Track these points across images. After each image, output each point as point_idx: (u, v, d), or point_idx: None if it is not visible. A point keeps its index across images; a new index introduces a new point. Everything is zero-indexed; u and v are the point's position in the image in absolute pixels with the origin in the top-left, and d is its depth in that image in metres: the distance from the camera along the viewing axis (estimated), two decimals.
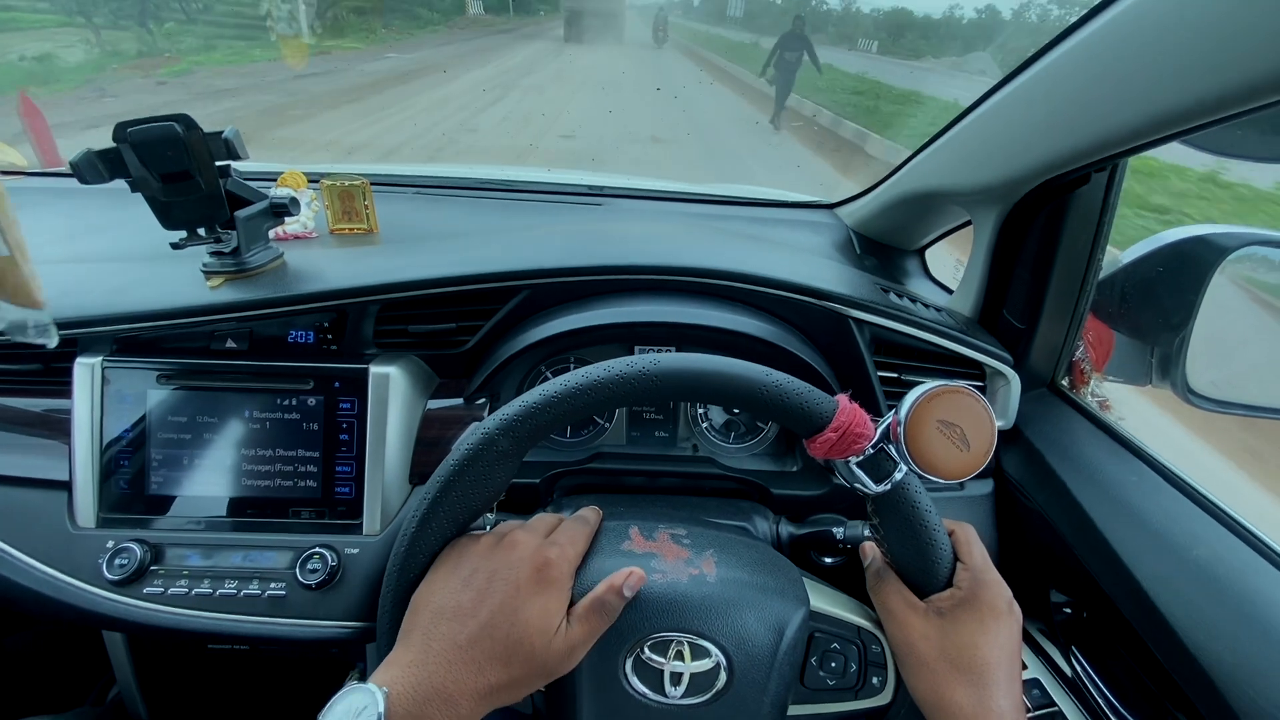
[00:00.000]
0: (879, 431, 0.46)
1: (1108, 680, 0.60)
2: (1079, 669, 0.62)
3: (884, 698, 0.52)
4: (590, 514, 0.56)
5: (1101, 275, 0.69)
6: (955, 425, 0.45)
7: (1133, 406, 0.81)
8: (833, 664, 0.52)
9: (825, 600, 0.54)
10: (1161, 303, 0.71)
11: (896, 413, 0.46)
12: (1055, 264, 0.67)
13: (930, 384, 0.46)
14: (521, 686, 0.44)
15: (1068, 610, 0.67)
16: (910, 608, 0.50)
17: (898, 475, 0.47)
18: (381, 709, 0.38)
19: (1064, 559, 0.64)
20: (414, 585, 0.48)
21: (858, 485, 0.47)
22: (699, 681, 0.48)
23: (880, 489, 0.47)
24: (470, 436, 0.47)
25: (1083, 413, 0.73)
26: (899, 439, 0.45)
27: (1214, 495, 0.59)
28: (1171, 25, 0.45)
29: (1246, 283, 0.75)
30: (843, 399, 0.47)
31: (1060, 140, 0.56)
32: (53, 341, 0.51)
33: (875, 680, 0.52)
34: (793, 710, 0.51)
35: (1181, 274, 0.69)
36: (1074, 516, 0.63)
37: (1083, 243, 0.66)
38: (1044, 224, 0.68)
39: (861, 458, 0.46)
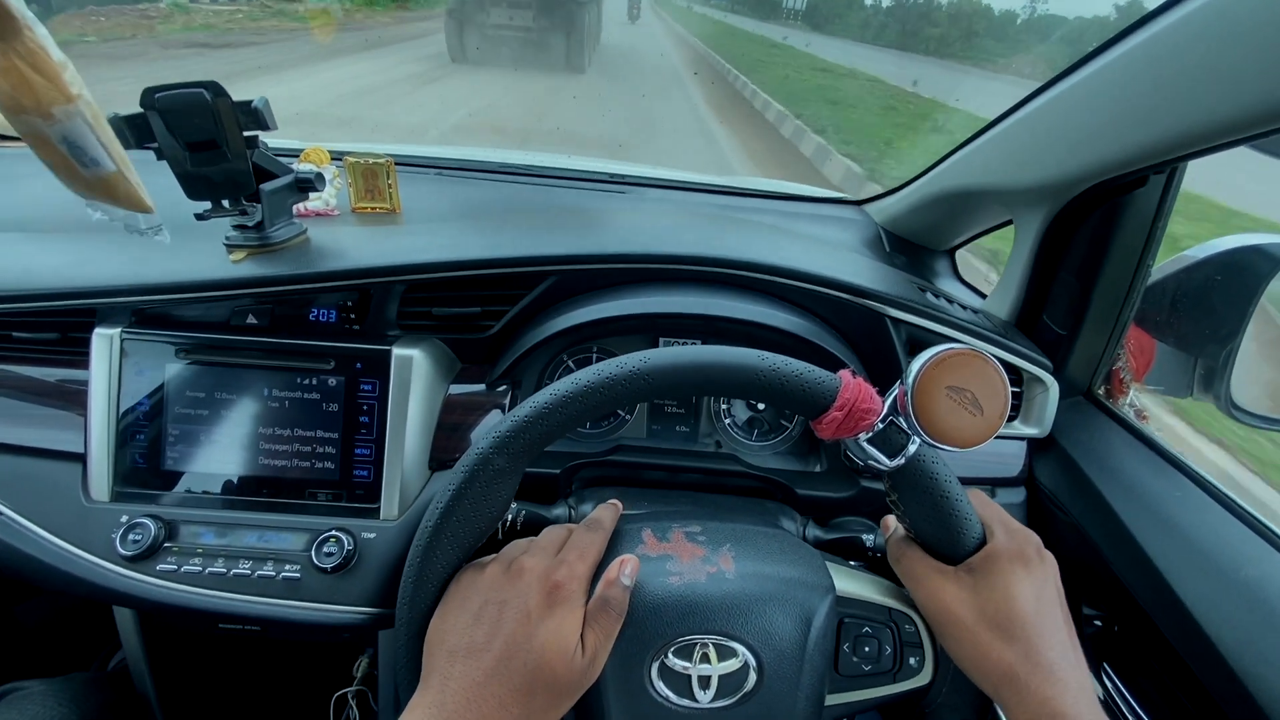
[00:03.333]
0: (887, 404, 0.44)
1: (1140, 699, 0.59)
2: (1111, 687, 0.61)
3: (923, 678, 0.50)
4: (605, 514, 0.53)
5: (1149, 281, 0.67)
6: (965, 390, 0.42)
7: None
8: (866, 649, 0.50)
9: (851, 583, 0.52)
10: (1211, 313, 0.69)
11: (903, 382, 0.43)
12: (1103, 269, 0.65)
13: (936, 348, 0.43)
14: (550, 712, 0.42)
15: (1098, 624, 0.65)
16: (939, 572, 0.48)
17: (911, 448, 0.44)
18: None
19: (1098, 572, 0.63)
20: (426, 619, 0.46)
21: (871, 463, 0.45)
22: (728, 683, 0.46)
23: (895, 464, 0.44)
24: (465, 459, 0.46)
25: (1120, 423, 0.71)
26: (907, 410, 0.42)
27: (1263, 516, 0.57)
28: (1254, 21, 0.43)
29: None
30: (845, 374, 0.44)
31: (1125, 138, 0.54)
32: (167, 239, 0.58)
33: (913, 661, 0.50)
34: (830, 700, 0.50)
35: (1233, 284, 0.67)
36: (1111, 529, 0.61)
37: (1133, 248, 0.64)
38: (1094, 227, 0.65)
39: (871, 433, 0.44)
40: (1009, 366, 0.70)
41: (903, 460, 0.44)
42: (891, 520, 0.55)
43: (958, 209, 0.86)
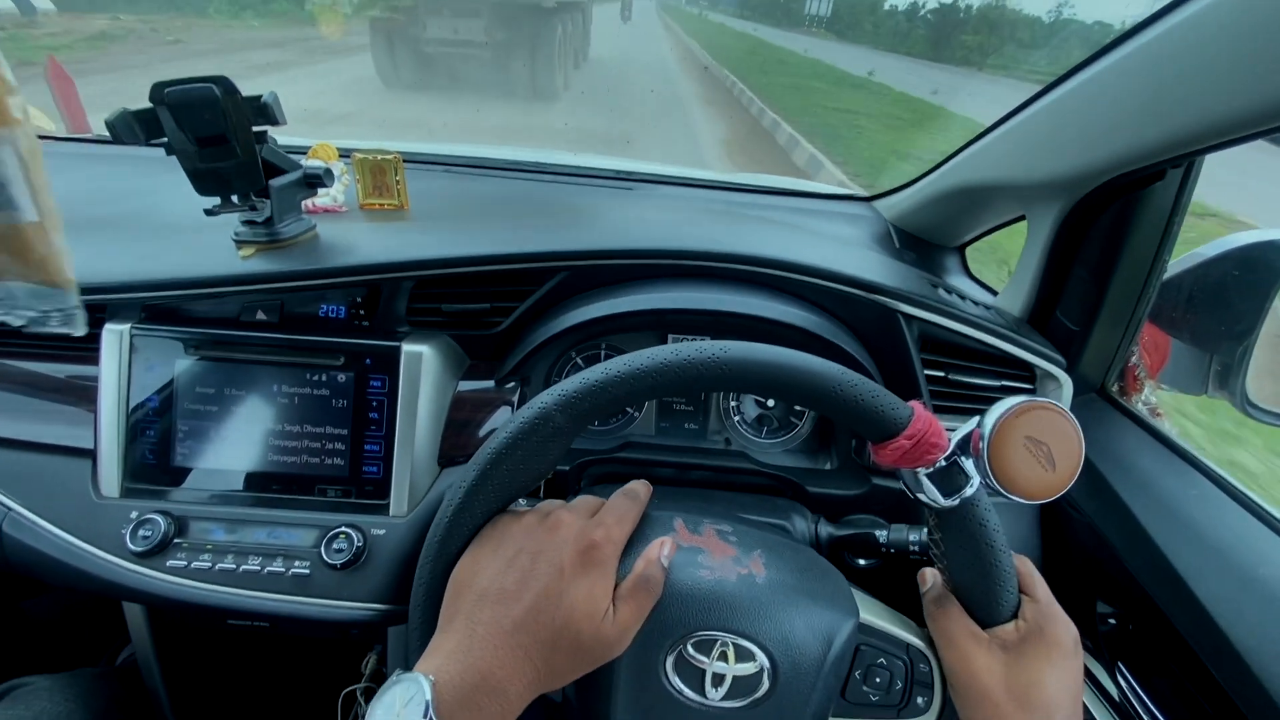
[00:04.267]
0: (954, 442, 0.44)
1: (1155, 698, 0.58)
2: (1125, 686, 0.60)
3: (929, 719, 0.50)
4: (640, 488, 0.53)
5: (1164, 277, 0.66)
6: (1043, 444, 0.43)
7: None
8: (877, 679, 0.50)
9: (873, 613, 0.52)
10: (1227, 309, 0.68)
11: (980, 425, 0.44)
12: (1119, 265, 0.64)
13: (1019, 399, 0.44)
14: (569, 672, 0.42)
15: (1112, 621, 0.65)
16: (973, 638, 0.48)
17: (969, 491, 0.44)
18: (429, 697, 0.36)
19: (1112, 570, 0.62)
20: (453, 562, 0.46)
21: (923, 497, 0.45)
22: (741, 685, 0.46)
23: (949, 503, 0.44)
24: (526, 410, 0.45)
25: (1135, 420, 0.70)
26: (980, 453, 0.43)
27: (1279, 512, 0.56)
28: (1274, 12, 0.42)
29: None
30: (918, 405, 0.44)
31: (1142, 132, 0.53)
32: (79, 330, 0.44)
33: (920, 700, 0.50)
34: None
35: (1250, 280, 0.66)
36: (1126, 526, 0.60)
37: (1149, 243, 0.63)
38: (1109, 222, 0.65)
39: (932, 469, 0.44)
40: (1022, 364, 0.70)
41: (957, 501, 0.44)
42: (929, 575, 0.55)
43: (969, 204, 0.85)
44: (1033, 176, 0.68)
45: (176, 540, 0.62)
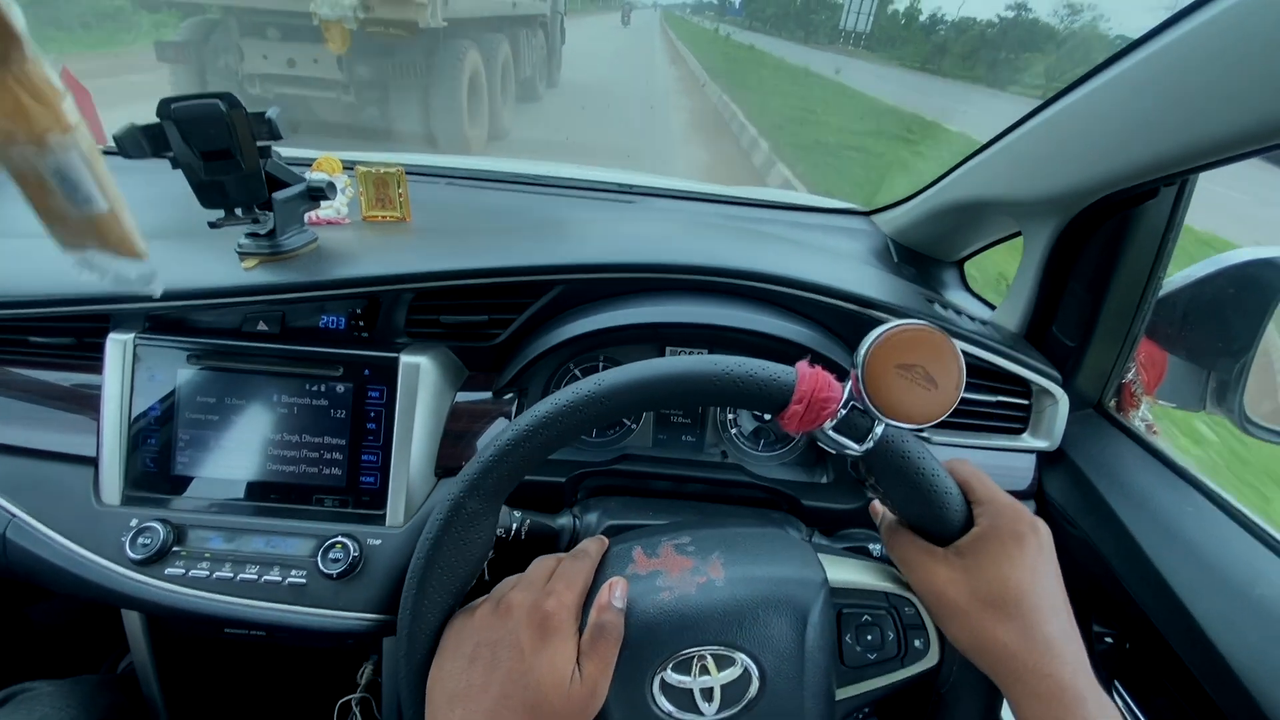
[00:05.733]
0: (847, 391, 0.43)
1: (1153, 718, 0.58)
2: (1122, 705, 0.60)
3: (931, 659, 0.50)
4: (591, 546, 0.53)
5: (1160, 294, 0.66)
6: (916, 365, 0.42)
7: None
8: (869, 637, 0.50)
9: (845, 572, 0.52)
10: (1223, 326, 0.68)
11: (854, 366, 0.43)
12: (1114, 281, 0.65)
13: (880, 328, 0.42)
14: None
15: (1109, 641, 0.64)
16: (930, 554, 0.47)
17: (879, 429, 0.44)
18: None
19: (1109, 589, 0.62)
20: (425, 667, 0.47)
21: (842, 450, 0.45)
22: (731, 692, 0.46)
23: (865, 447, 0.44)
24: (439, 507, 0.46)
25: (1132, 436, 0.70)
26: (861, 393, 0.42)
27: (1277, 531, 0.56)
28: (1266, 33, 0.42)
29: None
30: (801, 366, 0.44)
31: (1136, 150, 0.54)
32: (158, 291, 0.53)
33: (918, 643, 0.50)
34: (842, 693, 0.49)
35: (1246, 298, 0.66)
36: (1122, 545, 0.60)
37: (1144, 260, 0.63)
38: (1104, 238, 0.65)
39: (836, 421, 0.43)
40: (1019, 379, 0.70)
41: (871, 444, 0.44)
42: (879, 507, 0.55)
43: (966, 220, 0.86)
44: (1028, 193, 0.68)
45: (175, 548, 0.62)
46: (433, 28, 4.56)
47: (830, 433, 0.44)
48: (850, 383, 0.43)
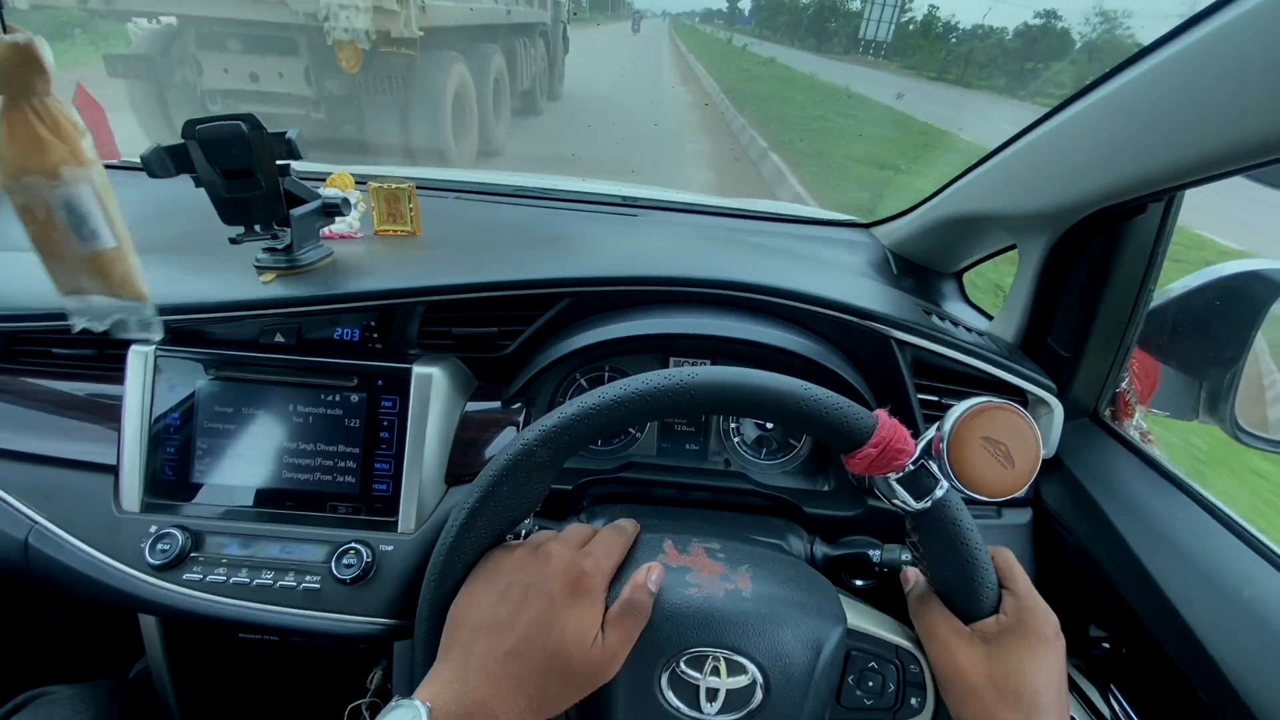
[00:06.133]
0: (920, 447, 0.46)
1: None
2: (1118, 708, 0.61)
3: (923, 719, 0.51)
4: (628, 524, 0.56)
5: (1151, 306, 0.68)
6: (1000, 443, 0.45)
7: None
8: (870, 683, 0.51)
9: (862, 618, 0.53)
10: (1213, 337, 0.70)
11: (940, 428, 0.46)
12: (1105, 293, 0.66)
13: (975, 399, 0.45)
14: (562, 699, 0.44)
15: (1105, 645, 0.66)
16: (955, 633, 0.49)
17: (939, 492, 0.46)
18: None
19: (1104, 594, 0.63)
20: (450, 597, 0.48)
21: (897, 502, 0.47)
22: (735, 698, 0.47)
23: (921, 506, 0.46)
24: (510, 447, 0.47)
25: (1126, 445, 0.71)
26: (941, 455, 0.45)
27: (1264, 536, 0.57)
28: (1250, 55, 0.44)
29: None
30: (882, 414, 0.46)
31: (1124, 168, 0.56)
32: (157, 335, 0.52)
33: (914, 701, 0.51)
34: None
35: (1235, 309, 0.68)
36: (1117, 551, 0.62)
37: (1134, 272, 0.65)
38: (1096, 252, 0.67)
39: (902, 474, 0.46)
40: (1013, 388, 0.72)
41: (928, 503, 0.46)
42: (912, 574, 0.57)
43: (963, 233, 0.88)
44: (1021, 208, 0.70)
45: (193, 554, 0.64)
46: (407, 37, 4.17)
47: (894, 483, 0.46)
48: (927, 441, 0.46)
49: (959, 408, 0.45)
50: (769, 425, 0.79)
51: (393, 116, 4.69)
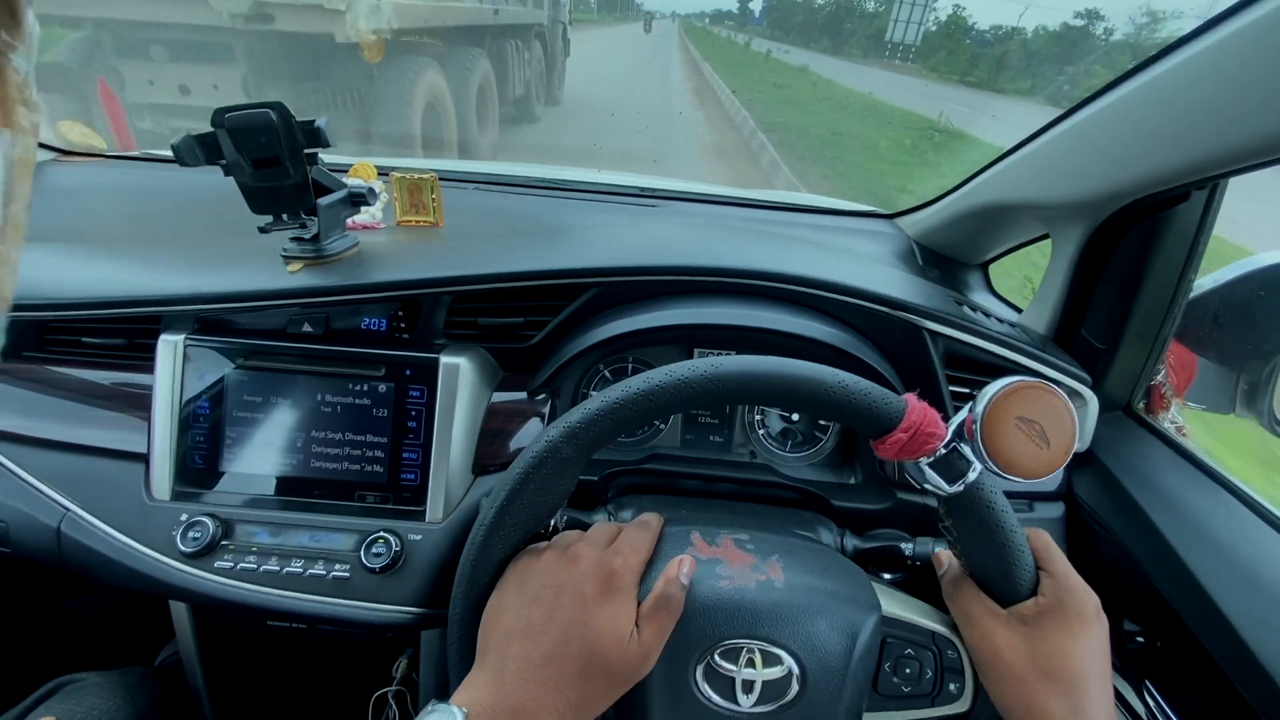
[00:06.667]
0: (951, 430, 0.45)
1: (1184, 718, 0.58)
2: (1154, 704, 0.60)
3: (962, 704, 0.51)
4: (652, 519, 0.55)
5: (1190, 296, 0.67)
6: (1035, 422, 0.43)
7: None
8: (907, 670, 0.51)
9: (897, 605, 0.53)
10: (1253, 329, 0.68)
11: (972, 409, 0.45)
12: (1144, 284, 0.65)
13: (1008, 379, 0.44)
14: (601, 698, 0.44)
15: (1140, 640, 0.65)
16: (993, 615, 0.49)
17: (972, 475, 0.45)
18: None
19: (1139, 588, 0.62)
20: (483, 599, 0.48)
21: (929, 486, 0.46)
22: (771, 689, 0.47)
23: (954, 489, 0.46)
24: (535, 444, 0.47)
25: (1161, 438, 0.70)
26: (974, 436, 0.44)
27: None
28: None
29: None
30: (911, 398, 0.46)
31: (1167, 155, 0.54)
32: None
33: (953, 687, 0.51)
34: (868, 717, 0.50)
35: (1276, 300, 0.66)
36: (1153, 545, 0.61)
37: (1174, 263, 0.64)
38: (1135, 241, 0.65)
39: (933, 458, 0.45)
40: (1046, 379, 0.70)
41: (961, 487, 0.45)
42: (945, 556, 0.56)
43: (992, 223, 0.86)
44: (1057, 197, 0.69)
45: (224, 542, 0.65)
46: (346, 40, 3.55)
47: (925, 468, 0.45)
48: (959, 423, 0.45)
49: (992, 387, 0.44)
50: (794, 417, 0.78)
51: (351, 129, 4.14)
